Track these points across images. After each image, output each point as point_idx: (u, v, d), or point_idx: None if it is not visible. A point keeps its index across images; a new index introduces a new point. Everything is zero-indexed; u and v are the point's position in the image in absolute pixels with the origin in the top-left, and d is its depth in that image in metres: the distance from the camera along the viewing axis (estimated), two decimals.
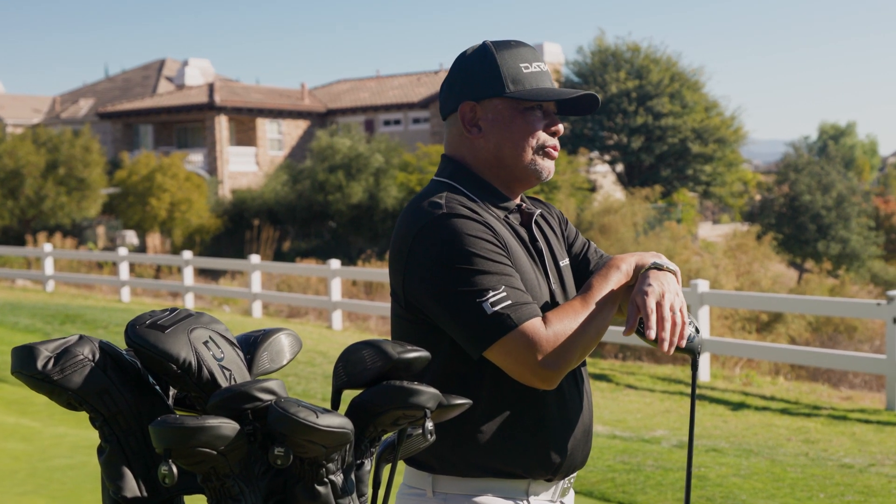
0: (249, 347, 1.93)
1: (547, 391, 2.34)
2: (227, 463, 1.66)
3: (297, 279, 23.95)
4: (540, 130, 2.41)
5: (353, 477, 1.79)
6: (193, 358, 1.73)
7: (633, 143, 40.83)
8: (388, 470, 1.96)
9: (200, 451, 1.61)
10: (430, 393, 1.81)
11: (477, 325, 2.20)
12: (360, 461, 1.84)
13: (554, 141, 2.44)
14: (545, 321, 2.21)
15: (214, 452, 1.63)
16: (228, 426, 1.63)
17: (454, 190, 2.40)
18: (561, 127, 2.45)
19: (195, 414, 1.78)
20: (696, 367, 2.46)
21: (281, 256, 36.83)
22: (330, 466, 1.73)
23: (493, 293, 2.20)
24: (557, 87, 2.48)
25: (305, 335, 15.50)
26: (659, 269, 2.37)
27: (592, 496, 6.88)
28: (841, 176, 39.19)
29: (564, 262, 2.53)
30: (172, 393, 1.90)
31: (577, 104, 2.47)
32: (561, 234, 2.61)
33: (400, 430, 1.88)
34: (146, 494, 1.75)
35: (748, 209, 42.96)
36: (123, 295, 21.70)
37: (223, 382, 1.76)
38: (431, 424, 1.82)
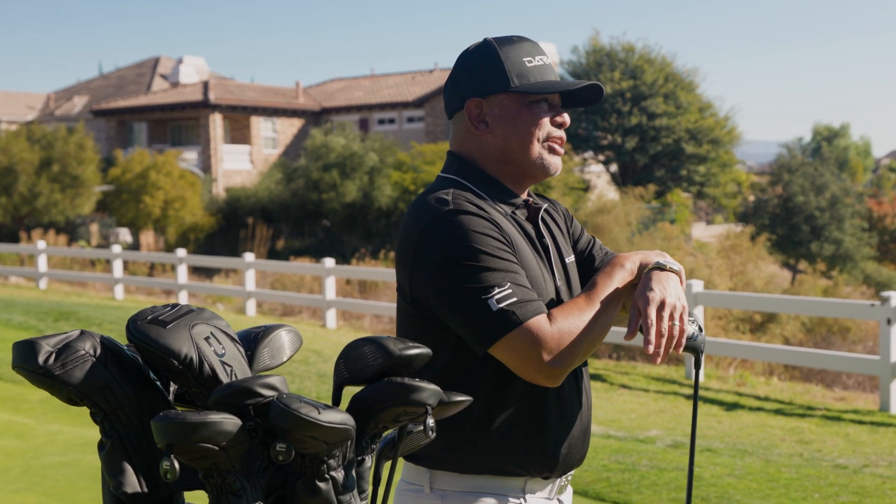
0: (250, 344, 1.93)
1: (548, 389, 2.34)
2: (228, 459, 1.66)
3: (291, 278, 23.93)
4: (546, 123, 2.42)
5: (353, 473, 1.79)
6: (195, 354, 1.73)
7: (627, 143, 40.87)
8: (388, 466, 1.96)
9: (202, 446, 1.61)
10: (431, 390, 1.81)
11: (482, 321, 2.20)
12: (360, 458, 1.84)
13: (560, 133, 2.45)
14: (550, 318, 2.21)
15: (216, 448, 1.62)
16: (230, 422, 1.63)
17: (461, 186, 2.40)
18: (567, 118, 2.46)
19: (196, 410, 1.77)
20: (699, 365, 2.46)
21: (275, 255, 36.81)
22: (331, 463, 1.73)
23: (498, 290, 2.20)
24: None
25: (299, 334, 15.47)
26: (662, 269, 2.36)
27: (587, 496, 6.88)
28: (834, 177, 39.27)
29: (570, 258, 2.53)
30: (173, 389, 1.89)
31: (581, 96, 2.48)
32: (566, 230, 2.61)
33: (401, 426, 1.88)
34: (147, 490, 1.75)
35: (742, 210, 43.01)
36: (117, 292, 21.67)
37: (224, 378, 1.76)
38: (433, 421, 1.82)
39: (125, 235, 39.54)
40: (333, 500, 1.75)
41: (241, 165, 47.91)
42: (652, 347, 2.24)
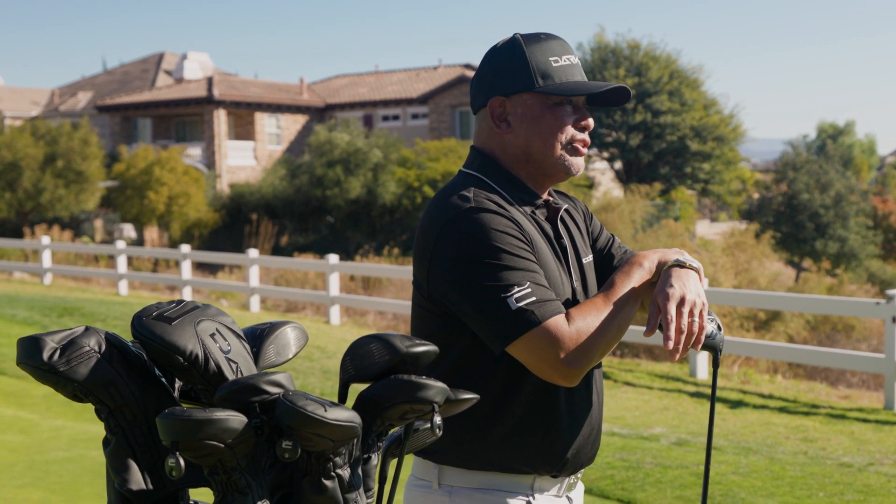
0: (256, 340, 1.92)
1: (558, 388, 2.33)
2: (233, 456, 1.65)
3: (294, 274, 23.94)
4: (569, 126, 2.39)
5: (360, 471, 1.78)
6: (200, 350, 1.72)
7: (631, 140, 40.85)
8: (394, 464, 1.95)
9: (208, 443, 1.60)
10: (438, 387, 1.80)
11: (501, 320, 2.19)
12: (367, 455, 1.83)
13: (583, 136, 2.42)
14: (568, 318, 2.21)
15: (222, 445, 1.62)
16: (236, 419, 1.62)
17: (481, 183, 2.38)
18: (591, 121, 2.43)
19: (202, 406, 1.76)
20: (717, 364, 2.47)
21: (279, 251, 36.83)
22: (337, 460, 1.72)
23: (518, 289, 2.19)
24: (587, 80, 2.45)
25: None
26: (682, 266, 2.36)
27: (591, 493, 6.87)
28: (839, 175, 39.22)
29: (588, 259, 2.52)
30: (178, 385, 1.89)
31: (607, 97, 2.45)
32: (586, 229, 2.60)
33: (407, 424, 1.87)
34: (151, 487, 1.74)
35: (746, 207, 42.98)
36: (121, 288, 21.68)
37: (230, 375, 1.75)
38: (439, 419, 1.81)
39: (129, 231, 39.55)
40: (339, 497, 1.74)
41: (245, 161, 47.92)
42: (672, 343, 2.24)
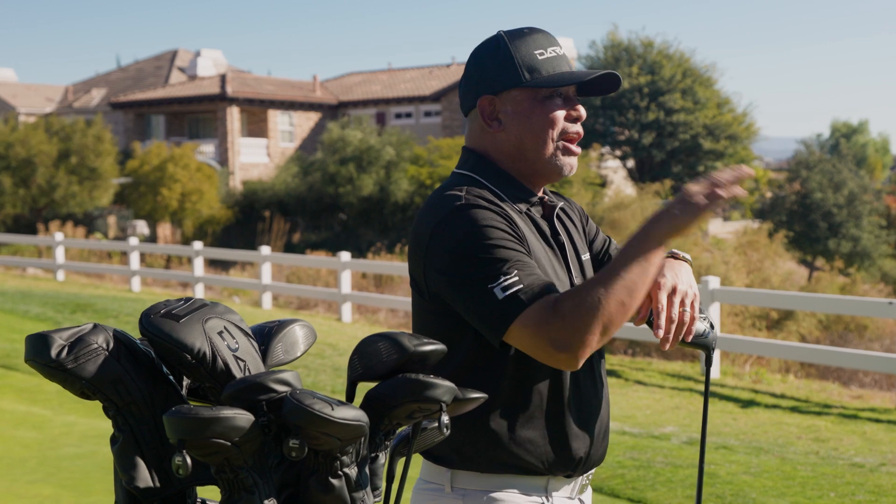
0: (264, 338, 1.92)
1: (567, 386, 2.32)
2: (240, 454, 1.65)
3: (307, 271, 23.96)
4: (561, 118, 2.36)
5: (367, 470, 1.78)
6: (208, 348, 1.72)
7: (644, 138, 40.80)
8: (402, 463, 1.94)
9: (214, 442, 1.60)
10: (445, 386, 1.80)
11: (491, 311, 2.16)
12: (374, 454, 1.83)
13: (576, 127, 2.39)
14: (558, 300, 2.12)
15: (228, 444, 1.62)
16: (243, 417, 1.62)
17: (475, 182, 2.37)
18: (583, 111, 2.40)
19: (209, 404, 1.77)
20: (709, 362, 2.45)
21: (291, 248, 36.87)
22: (344, 459, 1.72)
23: (504, 278, 2.15)
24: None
25: (315, 327, 15.42)
26: (675, 257, 2.37)
27: (602, 492, 6.86)
28: (853, 174, 39.09)
29: (586, 256, 2.50)
30: (186, 383, 1.89)
31: (598, 85, 2.41)
32: (582, 229, 2.58)
33: (415, 423, 1.87)
34: (159, 485, 1.74)
35: (759, 206, 42.87)
36: (134, 284, 21.73)
37: (237, 373, 1.75)
38: (447, 418, 1.81)
39: (142, 228, 39.65)
40: (346, 496, 1.74)
41: (258, 159, 47.99)
42: (662, 332, 2.23)
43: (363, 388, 1.87)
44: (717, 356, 11.63)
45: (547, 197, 2.49)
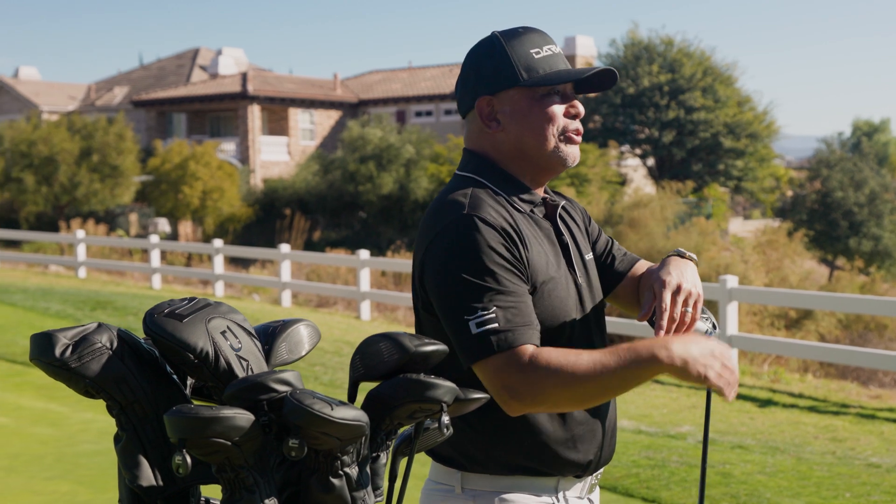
0: (268, 338, 1.93)
1: None
2: (241, 454, 1.66)
3: (326, 269, 24.00)
4: (560, 115, 2.35)
5: (368, 470, 1.79)
6: (211, 348, 1.74)
7: (664, 137, 40.66)
8: (404, 463, 1.96)
9: (215, 441, 1.62)
10: (446, 387, 1.81)
11: (461, 342, 2.17)
12: (375, 454, 1.84)
13: (576, 124, 2.38)
14: (533, 354, 2.14)
15: (229, 443, 1.63)
16: (243, 417, 1.63)
17: (478, 184, 2.35)
18: (581, 108, 2.39)
19: (212, 404, 1.78)
20: None
21: (311, 246, 36.92)
22: (345, 459, 1.73)
23: (482, 313, 2.15)
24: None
25: (334, 325, 15.54)
26: (682, 256, 2.41)
27: (616, 491, 6.86)
28: (874, 173, 38.89)
29: (589, 256, 2.50)
30: (190, 382, 1.90)
31: (595, 81, 2.41)
32: (584, 229, 2.57)
33: (417, 423, 1.88)
34: (162, 483, 1.76)
35: (779, 205, 42.69)
36: (154, 282, 21.82)
37: (240, 373, 1.76)
38: (448, 418, 1.82)
39: (164, 225, 39.80)
40: (347, 496, 1.75)
41: (278, 157, 48.11)
42: (662, 333, 2.24)
43: (365, 387, 1.88)
44: (735, 355, 11.54)
45: (549, 196, 2.49)
